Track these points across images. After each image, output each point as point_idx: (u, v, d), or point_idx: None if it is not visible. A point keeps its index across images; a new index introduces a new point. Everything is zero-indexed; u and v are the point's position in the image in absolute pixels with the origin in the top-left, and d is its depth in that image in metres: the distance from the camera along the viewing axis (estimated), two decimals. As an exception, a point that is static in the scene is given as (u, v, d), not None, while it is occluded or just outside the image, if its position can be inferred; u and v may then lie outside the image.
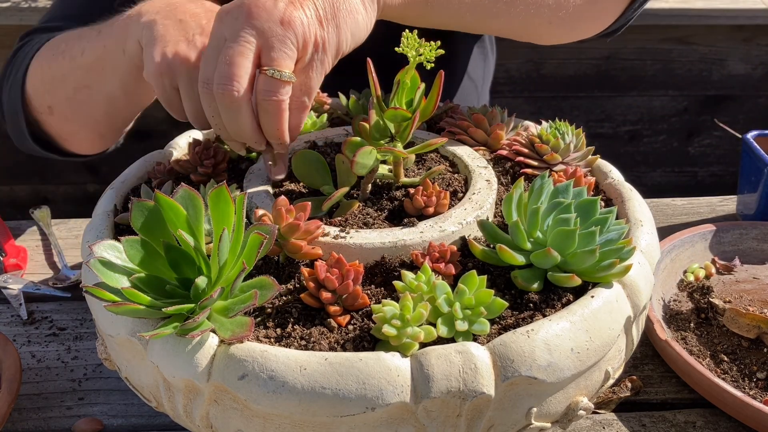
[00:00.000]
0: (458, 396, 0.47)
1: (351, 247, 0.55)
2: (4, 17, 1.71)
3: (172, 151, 0.74)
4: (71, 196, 2.02)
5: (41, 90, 0.91)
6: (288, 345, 0.50)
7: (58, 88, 0.89)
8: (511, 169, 0.70)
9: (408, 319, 0.48)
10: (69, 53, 0.86)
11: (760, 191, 0.91)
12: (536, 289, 0.54)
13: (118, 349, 0.56)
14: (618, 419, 0.67)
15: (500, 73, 1.92)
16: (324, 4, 0.58)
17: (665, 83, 2.02)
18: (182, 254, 0.50)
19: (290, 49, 0.56)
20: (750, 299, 0.74)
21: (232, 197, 0.50)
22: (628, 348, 0.58)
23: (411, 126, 0.61)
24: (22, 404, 0.69)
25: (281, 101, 0.57)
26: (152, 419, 0.67)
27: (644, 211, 0.63)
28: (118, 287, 0.48)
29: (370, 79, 0.60)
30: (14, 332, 0.78)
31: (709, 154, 2.16)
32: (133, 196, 0.67)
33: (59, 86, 0.88)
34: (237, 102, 0.56)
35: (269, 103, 0.57)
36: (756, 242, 0.87)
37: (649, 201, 0.91)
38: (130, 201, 0.50)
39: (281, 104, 0.57)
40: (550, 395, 0.51)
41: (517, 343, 0.48)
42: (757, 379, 0.68)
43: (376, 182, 0.65)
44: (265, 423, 0.49)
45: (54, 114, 0.92)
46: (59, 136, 0.95)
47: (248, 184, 0.64)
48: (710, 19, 1.89)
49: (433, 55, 0.59)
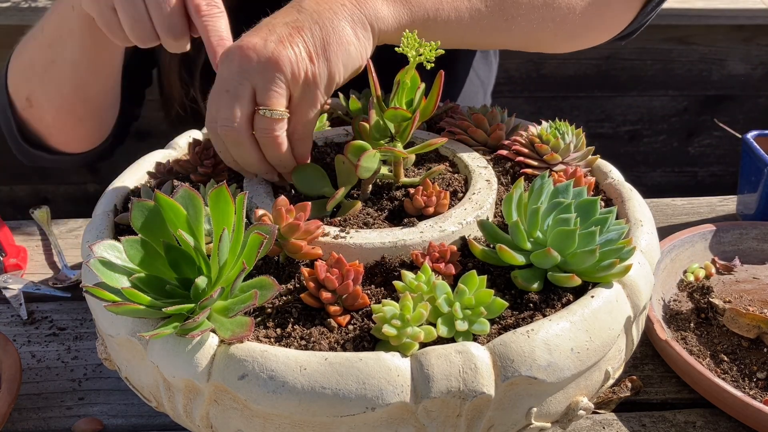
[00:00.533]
0: (458, 396, 0.47)
1: (351, 247, 0.55)
2: (4, 17, 1.71)
3: (172, 151, 0.74)
4: (71, 196, 2.02)
5: (18, 81, 0.93)
6: (288, 345, 0.50)
7: (30, 75, 0.91)
8: (511, 169, 0.70)
9: (408, 319, 0.48)
10: (32, 36, 0.90)
11: (760, 191, 0.91)
12: (536, 289, 0.54)
13: (118, 349, 0.56)
14: (618, 419, 0.67)
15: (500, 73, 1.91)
16: (314, 39, 0.60)
17: (665, 83, 2.02)
18: (182, 254, 0.50)
19: (280, 88, 0.59)
20: (750, 299, 0.74)
21: (232, 197, 0.50)
22: (628, 348, 0.58)
23: (411, 126, 0.61)
24: (22, 404, 0.69)
25: (277, 136, 0.61)
26: (152, 419, 0.67)
27: (644, 211, 0.63)
28: (118, 287, 0.48)
29: (370, 79, 0.60)
30: (14, 332, 0.78)
31: (709, 154, 2.16)
32: (133, 196, 0.67)
33: (30, 72, 0.91)
34: (240, 140, 0.61)
35: (267, 139, 0.61)
36: (756, 242, 0.87)
37: (649, 201, 0.91)
38: (130, 201, 0.50)
39: (277, 139, 0.61)
40: (550, 395, 0.51)
41: (517, 343, 0.48)
42: (757, 379, 0.68)
43: (376, 182, 0.65)
44: (265, 423, 0.49)
45: (33, 105, 0.93)
46: (44, 132, 0.96)
47: (248, 184, 0.64)
48: (710, 19, 1.89)
49: (433, 55, 0.59)
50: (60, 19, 0.84)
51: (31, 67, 0.91)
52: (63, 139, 0.98)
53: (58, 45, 0.86)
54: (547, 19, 0.76)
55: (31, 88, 0.93)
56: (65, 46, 0.86)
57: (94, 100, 0.95)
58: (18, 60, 0.93)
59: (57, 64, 0.88)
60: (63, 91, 0.91)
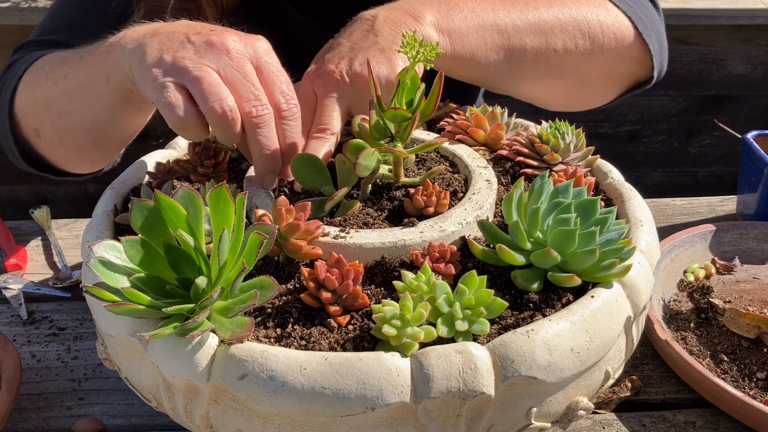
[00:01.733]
0: (458, 396, 0.47)
1: (351, 247, 0.55)
2: (4, 17, 1.71)
3: (172, 151, 0.74)
4: (71, 196, 2.02)
5: (27, 112, 0.89)
6: (288, 345, 0.50)
7: (42, 112, 0.88)
8: (511, 169, 0.70)
9: (408, 319, 0.48)
10: (52, 77, 0.85)
11: (760, 191, 0.91)
12: (536, 289, 0.54)
13: (118, 349, 0.56)
14: (618, 419, 0.67)
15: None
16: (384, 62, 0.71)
17: (665, 83, 2.02)
18: (182, 254, 0.50)
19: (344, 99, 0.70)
20: (750, 299, 0.74)
21: (232, 197, 0.50)
22: (628, 348, 0.58)
23: (411, 126, 0.61)
24: (22, 404, 0.69)
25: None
26: (152, 419, 0.67)
27: (644, 211, 0.63)
28: (118, 287, 0.48)
29: (371, 79, 0.60)
30: (14, 332, 0.78)
31: (709, 154, 2.16)
32: (133, 196, 0.67)
33: (43, 110, 0.87)
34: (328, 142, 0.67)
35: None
36: (756, 242, 0.87)
37: (649, 201, 0.91)
38: (130, 201, 0.50)
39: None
40: (550, 395, 0.51)
41: (517, 343, 0.48)
42: (757, 379, 0.68)
43: (376, 182, 0.65)
44: (265, 423, 0.49)
45: (41, 137, 0.90)
46: (51, 159, 0.94)
47: (248, 184, 0.64)
48: (710, 19, 1.89)
49: (433, 55, 0.59)
50: (87, 81, 0.79)
51: (45, 106, 0.87)
52: (70, 167, 0.96)
53: (80, 101, 0.82)
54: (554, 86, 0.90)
55: (42, 125, 0.89)
56: (88, 107, 0.82)
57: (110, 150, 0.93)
58: (29, 90, 0.88)
59: (75, 116, 0.84)
60: (79, 141, 0.88)
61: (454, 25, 0.79)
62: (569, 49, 0.86)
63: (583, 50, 0.86)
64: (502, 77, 0.85)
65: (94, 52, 0.77)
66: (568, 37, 0.85)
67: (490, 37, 0.81)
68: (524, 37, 0.83)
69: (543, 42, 0.84)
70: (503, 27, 0.82)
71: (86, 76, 0.79)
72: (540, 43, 0.84)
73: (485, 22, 0.81)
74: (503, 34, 0.82)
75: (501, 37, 0.82)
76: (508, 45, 0.82)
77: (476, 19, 0.80)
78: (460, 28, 0.79)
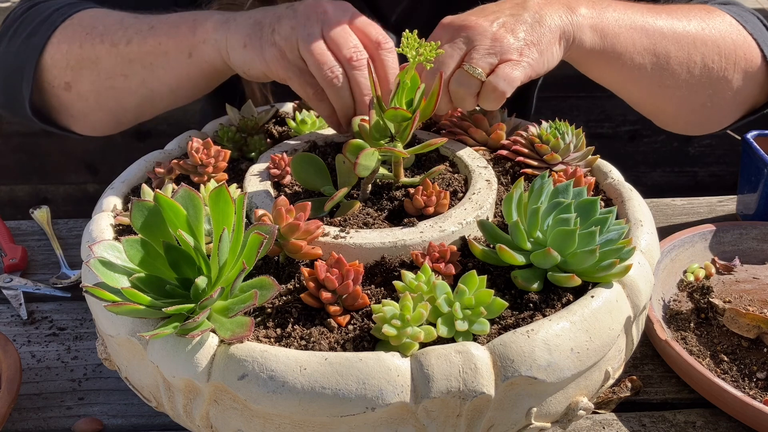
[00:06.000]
0: (458, 396, 0.47)
1: (351, 247, 0.55)
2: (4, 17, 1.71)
3: (172, 151, 0.74)
4: (71, 196, 2.02)
5: (64, 65, 0.86)
6: (288, 345, 0.50)
7: (85, 68, 0.85)
8: (511, 169, 0.70)
9: (408, 319, 0.48)
10: (109, 38, 0.83)
11: (760, 191, 0.91)
12: (536, 289, 0.54)
13: (118, 349, 0.56)
14: (618, 419, 0.67)
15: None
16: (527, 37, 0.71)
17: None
18: (182, 254, 0.50)
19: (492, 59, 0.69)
20: (750, 299, 0.74)
21: (232, 197, 0.50)
22: (628, 348, 0.58)
23: (411, 126, 0.61)
24: (22, 404, 0.69)
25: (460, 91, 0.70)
26: (152, 419, 0.67)
27: (644, 211, 0.63)
28: (118, 287, 0.48)
29: (371, 79, 0.60)
30: (14, 332, 0.78)
31: (709, 154, 2.16)
32: (133, 196, 0.67)
33: (88, 67, 0.85)
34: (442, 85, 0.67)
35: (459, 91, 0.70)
36: (756, 242, 0.87)
37: (649, 201, 0.91)
38: (130, 201, 0.50)
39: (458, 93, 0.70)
40: (550, 395, 0.51)
41: (517, 343, 0.48)
42: (757, 379, 0.68)
43: (376, 182, 0.65)
44: (265, 423, 0.49)
45: (71, 91, 0.87)
46: (68, 112, 0.91)
47: (248, 184, 0.64)
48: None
49: (433, 55, 0.59)
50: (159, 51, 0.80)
51: (93, 64, 0.85)
52: (83, 126, 0.93)
53: (142, 68, 0.82)
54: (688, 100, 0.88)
55: (78, 80, 0.86)
56: (151, 75, 0.82)
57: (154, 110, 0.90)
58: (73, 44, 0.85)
59: (129, 80, 0.83)
60: (123, 104, 0.87)
61: (607, 22, 0.79)
62: (707, 65, 0.86)
63: (718, 67, 0.86)
64: (640, 81, 0.85)
65: (171, 24, 0.80)
66: (707, 51, 0.85)
67: (639, 40, 0.81)
68: (669, 44, 0.83)
69: (685, 53, 0.84)
70: (651, 31, 0.82)
71: (159, 45, 0.81)
72: (683, 54, 0.84)
73: (635, 24, 0.81)
74: (651, 38, 0.82)
75: (649, 41, 0.82)
76: (654, 50, 0.82)
77: (627, 20, 0.81)
78: (612, 27, 0.79)
